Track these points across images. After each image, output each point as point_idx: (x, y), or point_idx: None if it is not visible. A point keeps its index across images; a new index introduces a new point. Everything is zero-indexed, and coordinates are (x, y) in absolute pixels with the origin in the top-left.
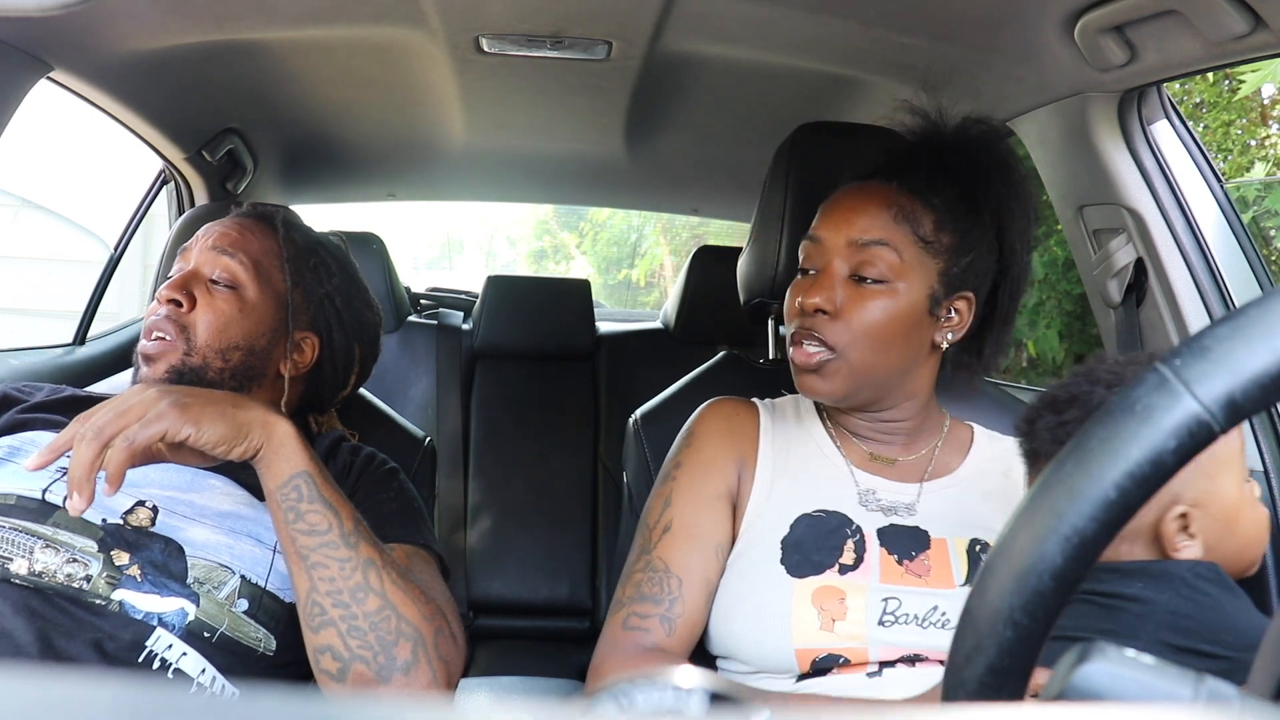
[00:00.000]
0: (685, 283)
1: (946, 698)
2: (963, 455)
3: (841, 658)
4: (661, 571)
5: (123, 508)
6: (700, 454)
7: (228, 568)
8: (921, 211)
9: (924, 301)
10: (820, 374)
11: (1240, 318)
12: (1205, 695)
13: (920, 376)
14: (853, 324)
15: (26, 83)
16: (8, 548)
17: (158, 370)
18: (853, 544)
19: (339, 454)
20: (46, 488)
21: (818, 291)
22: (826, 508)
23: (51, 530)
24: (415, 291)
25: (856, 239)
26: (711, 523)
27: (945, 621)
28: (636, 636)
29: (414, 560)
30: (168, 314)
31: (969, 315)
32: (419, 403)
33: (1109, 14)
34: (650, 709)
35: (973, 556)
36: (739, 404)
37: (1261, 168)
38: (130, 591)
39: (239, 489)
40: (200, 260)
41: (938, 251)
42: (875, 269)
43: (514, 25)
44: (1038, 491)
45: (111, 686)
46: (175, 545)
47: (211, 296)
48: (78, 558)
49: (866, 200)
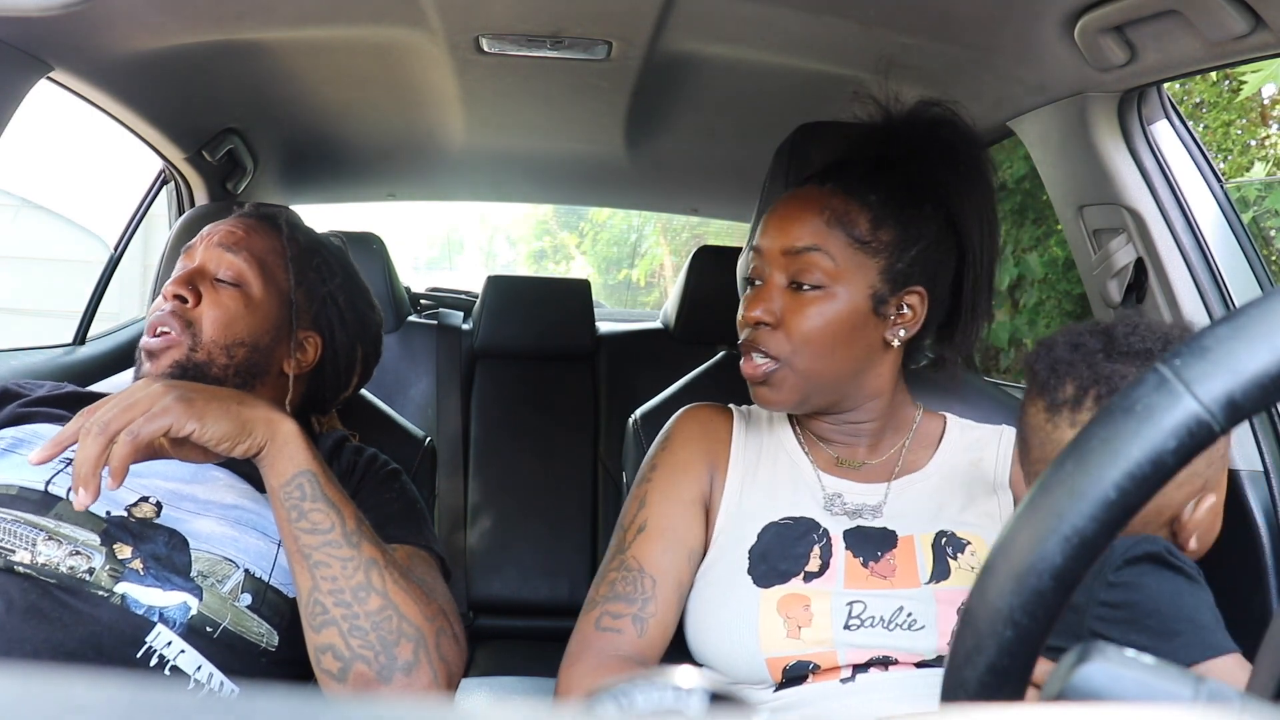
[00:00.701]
0: (685, 283)
1: (946, 698)
2: (932, 449)
3: (811, 664)
4: (635, 571)
5: (127, 501)
6: (675, 457)
7: (232, 561)
8: (856, 211)
9: (866, 302)
10: (769, 385)
11: (1240, 318)
12: (1205, 695)
13: (878, 376)
14: (793, 333)
15: (26, 83)
16: (10, 539)
17: (161, 365)
18: (819, 549)
19: (342, 454)
20: (49, 480)
21: (758, 303)
22: (794, 515)
23: (54, 523)
24: (415, 291)
25: (790, 246)
26: (685, 526)
27: (911, 623)
28: (609, 638)
29: (415, 561)
30: (173, 309)
31: (923, 310)
32: (419, 403)
33: (1109, 14)
34: (650, 709)
35: (938, 550)
36: (714, 410)
37: (1261, 168)
38: (133, 585)
39: (242, 482)
40: (205, 258)
41: (876, 250)
42: (811, 275)
43: (514, 25)
44: (1038, 491)
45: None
46: (179, 537)
47: (217, 293)
48: (80, 550)
49: (799, 207)
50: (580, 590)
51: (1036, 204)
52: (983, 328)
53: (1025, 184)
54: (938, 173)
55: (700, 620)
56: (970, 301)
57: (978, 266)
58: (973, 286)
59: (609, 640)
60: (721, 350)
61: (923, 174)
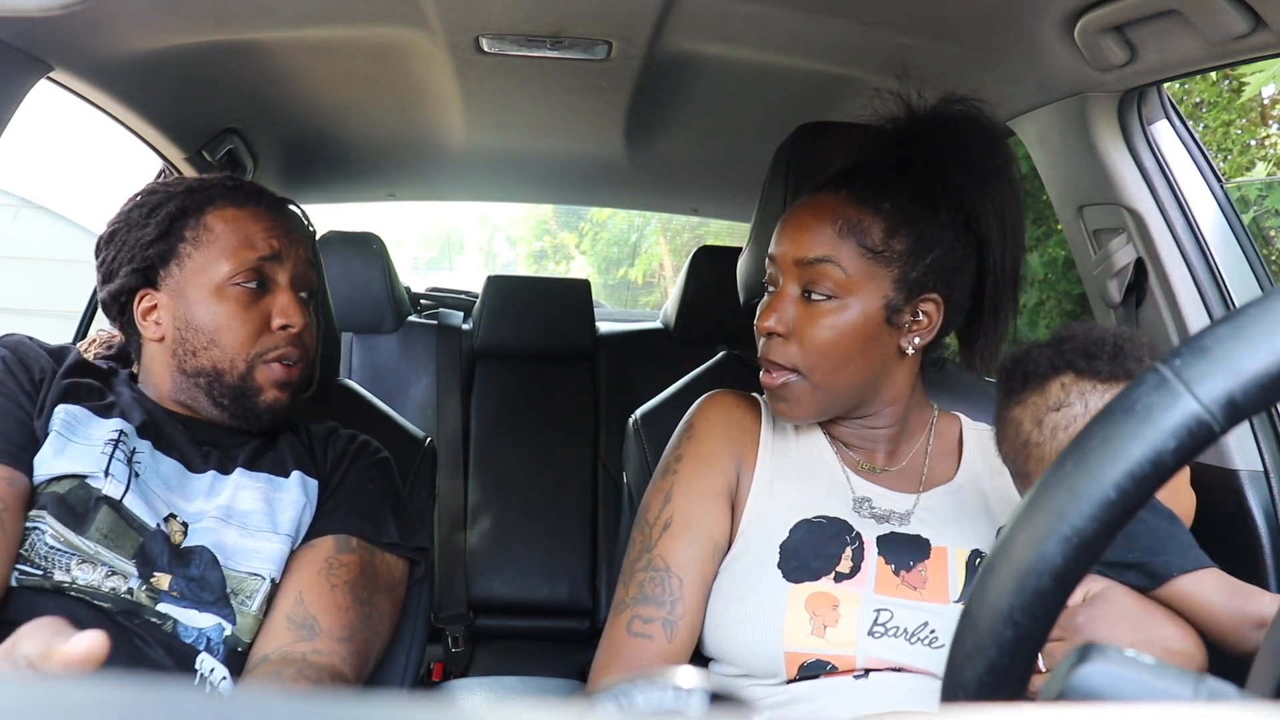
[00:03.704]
0: (685, 283)
1: (946, 698)
2: (955, 457)
3: (829, 664)
4: (663, 571)
5: (161, 514)
6: (701, 447)
7: (258, 575)
8: (869, 220)
9: (879, 312)
10: (785, 400)
11: (1240, 318)
12: (1205, 694)
13: (896, 383)
14: (806, 344)
15: (26, 83)
16: (45, 562)
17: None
18: (850, 551)
19: (336, 441)
20: (107, 469)
21: (770, 314)
22: (826, 514)
23: (92, 548)
24: (415, 291)
25: (802, 257)
26: (711, 520)
27: (934, 640)
28: (640, 645)
29: (364, 572)
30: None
31: (938, 316)
32: (419, 403)
33: (1109, 14)
34: (650, 709)
35: (971, 569)
36: (741, 398)
37: (1262, 168)
38: (173, 606)
39: (255, 480)
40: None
41: (889, 259)
42: (823, 286)
43: (514, 25)
44: (1038, 491)
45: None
46: (209, 555)
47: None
48: (116, 571)
49: (813, 216)
50: (580, 590)
51: (1036, 204)
52: (1008, 328)
53: (1025, 184)
54: (955, 175)
55: (722, 608)
56: (991, 304)
57: (999, 269)
58: (994, 286)
59: (640, 647)
60: (721, 350)
61: (940, 178)
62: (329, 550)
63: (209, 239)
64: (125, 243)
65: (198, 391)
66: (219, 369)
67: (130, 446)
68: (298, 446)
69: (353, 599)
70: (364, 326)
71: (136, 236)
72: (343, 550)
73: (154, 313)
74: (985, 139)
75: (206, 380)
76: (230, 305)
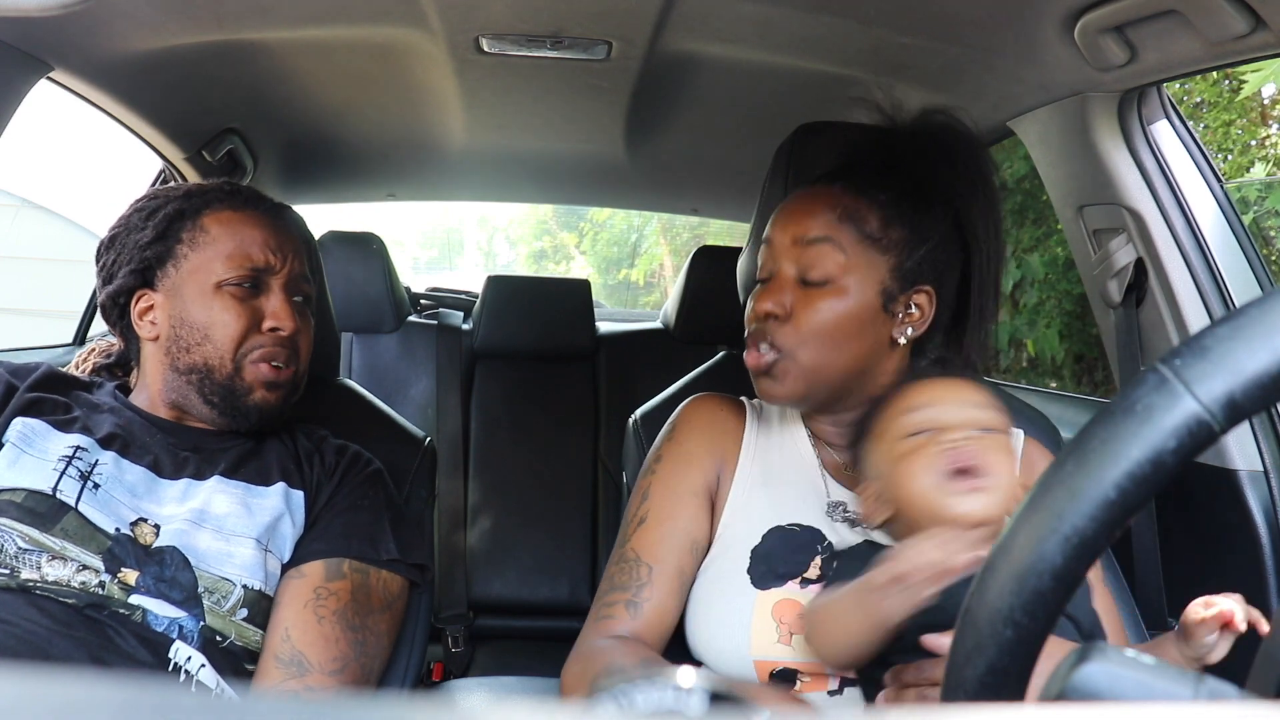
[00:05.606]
0: (685, 283)
1: (946, 698)
2: None
3: (799, 673)
4: (632, 561)
5: (129, 519)
6: (680, 448)
7: (229, 580)
8: (866, 208)
9: (875, 298)
10: (772, 376)
11: (1240, 318)
12: (1205, 694)
13: (883, 374)
14: (802, 326)
15: (26, 83)
16: (14, 561)
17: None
18: (820, 560)
19: (324, 452)
20: (56, 486)
21: (769, 297)
22: (799, 521)
23: (59, 544)
24: (415, 291)
25: (802, 236)
26: (688, 517)
27: None
28: (603, 625)
29: (356, 597)
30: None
31: (930, 309)
32: (419, 403)
33: (1109, 14)
34: (650, 709)
35: None
36: (725, 402)
37: (1262, 168)
38: (145, 598)
39: (233, 486)
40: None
41: (886, 247)
42: (821, 269)
43: (514, 25)
44: (1038, 491)
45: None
46: (180, 555)
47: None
48: (87, 565)
49: (811, 201)
50: (580, 590)
51: (1036, 204)
52: (991, 331)
53: (1025, 184)
54: (944, 176)
55: (696, 615)
56: (978, 303)
57: (985, 268)
58: (980, 287)
59: (603, 626)
60: (721, 350)
61: (930, 176)
62: (318, 579)
63: (205, 241)
64: (124, 245)
65: (189, 389)
66: (209, 365)
67: (92, 459)
68: (285, 456)
69: (343, 628)
70: (364, 326)
71: (135, 239)
72: (333, 577)
73: (150, 313)
74: (972, 145)
75: (198, 377)
76: (224, 302)
